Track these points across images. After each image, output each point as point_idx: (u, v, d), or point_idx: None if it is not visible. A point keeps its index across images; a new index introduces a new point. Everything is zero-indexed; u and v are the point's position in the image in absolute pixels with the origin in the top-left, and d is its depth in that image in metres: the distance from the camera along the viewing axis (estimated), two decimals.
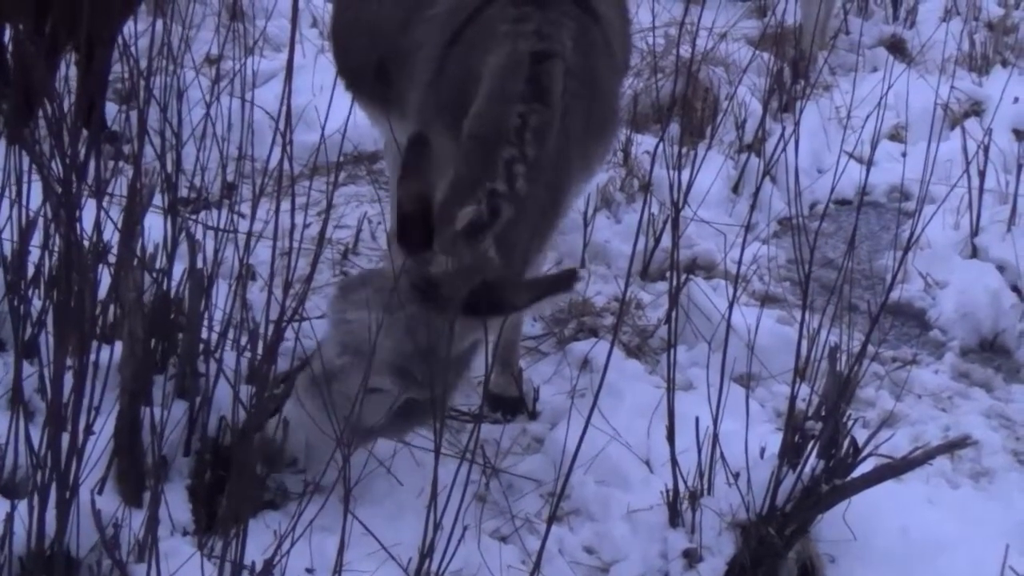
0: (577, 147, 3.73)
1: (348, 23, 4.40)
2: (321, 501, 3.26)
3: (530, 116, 3.57)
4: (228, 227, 3.81)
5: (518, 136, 3.55)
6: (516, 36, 3.67)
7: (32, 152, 3.62)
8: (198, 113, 4.09)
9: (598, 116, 3.84)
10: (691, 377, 4.36)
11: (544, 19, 3.67)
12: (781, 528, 3.48)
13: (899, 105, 6.05)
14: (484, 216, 3.46)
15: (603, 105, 3.87)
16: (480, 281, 3.37)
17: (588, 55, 3.74)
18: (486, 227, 3.46)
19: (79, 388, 2.86)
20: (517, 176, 3.52)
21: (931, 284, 5.09)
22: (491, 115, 3.61)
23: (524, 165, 3.53)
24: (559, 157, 3.63)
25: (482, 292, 3.36)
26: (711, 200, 5.36)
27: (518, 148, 3.54)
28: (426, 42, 3.84)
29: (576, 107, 3.68)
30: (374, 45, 4.12)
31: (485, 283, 3.38)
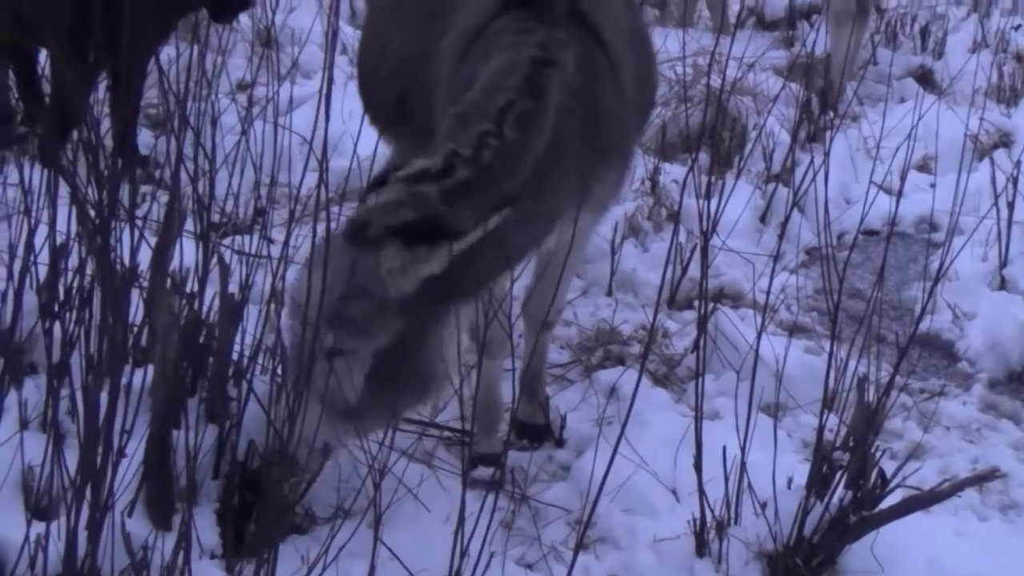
0: (570, 164, 3.61)
1: (372, 56, 4.43)
2: (350, 526, 3.27)
3: (518, 102, 3.46)
4: (259, 252, 3.84)
5: (500, 115, 3.43)
6: (520, 46, 3.60)
7: (66, 175, 3.66)
8: (230, 139, 4.12)
9: (598, 141, 3.70)
10: (718, 406, 4.36)
11: (548, 34, 3.60)
12: (808, 559, 3.47)
13: (928, 136, 6.05)
14: (435, 168, 3.34)
15: (605, 132, 3.74)
16: (420, 214, 3.28)
17: (591, 79, 3.66)
18: (433, 178, 3.33)
19: (111, 411, 2.88)
20: (487, 147, 3.39)
21: (959, 315, 5.08)
22: (479, 100, 3.50)
23: (498, 141, 3.40)
24: (546, 164, 3.50)
25: (420, 221, 3.27)
26: (739, 230, 5.37)
27: (496, 125, 3.42)
28: (442, 72, 3.85)
29: (572, 126, 3.59)
30: (396, 78, 4.14)
31: (425, 216, 3.28)
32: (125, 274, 3.45)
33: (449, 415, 4.19)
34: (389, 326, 3.33)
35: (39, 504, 3.20)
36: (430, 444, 4.03)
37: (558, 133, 3.51)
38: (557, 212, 3.57)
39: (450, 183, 3.32)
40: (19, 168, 3.70)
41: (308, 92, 6.18)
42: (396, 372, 3.40)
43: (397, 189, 3.31)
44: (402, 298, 3.31)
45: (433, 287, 3.32)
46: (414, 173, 3.33)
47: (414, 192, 3.30)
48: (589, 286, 5.14)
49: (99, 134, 3.67)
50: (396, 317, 3.33)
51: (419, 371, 3.46)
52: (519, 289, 4.12)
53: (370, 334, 3.30)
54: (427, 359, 3.46)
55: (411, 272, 3.29)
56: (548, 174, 3.50)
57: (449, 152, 3.36)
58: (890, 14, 8.12)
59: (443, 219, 3.28)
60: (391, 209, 3.28)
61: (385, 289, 3.28)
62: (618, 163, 3.85)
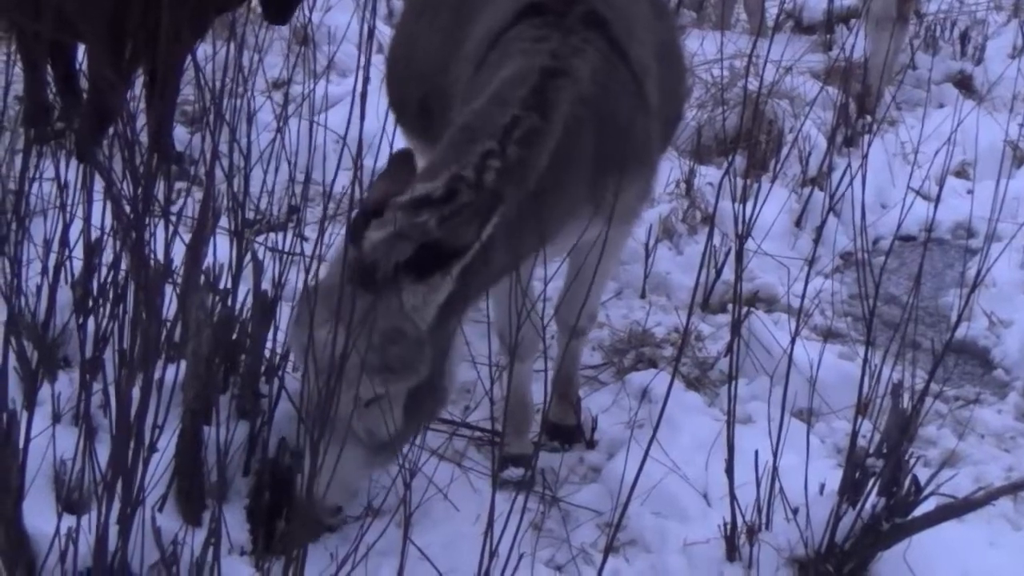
0: (577, 174, 3.59)
1: (399, 59, 4.43)
2: (379, 525, 3.27)
3: (523, 120, 3.43)
4: (292, 250, 3.85)
5: (504, 134, 3.40)
6: (532, 53, 3.57)
7: (102, 171, 3.68)
8: (265, 137, 4.13)
9: (613, 151, 3.63)
10: (751, 411, 4.34)
11: (563, 42, 3.58)
12: (840, 565, 3.45)
13: (966, 142, 6.00)
14: (437, 193, 3.32)
15: (622, 142, 3.67)
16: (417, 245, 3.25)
17: (608, 89, 3.63)
18: (434, 203, 3.30)
19: (143, 406, 2.89)
20: (489, 168, 3.36)
21: (996, 323, 5.04)
22: (484, 112, 3.47)
23: (500, 161, 3.37)
24: (551, 177, 3.47)
25: (422, 250, 3.25)
26: (774, 233, 5.35)
27: (499, 144, 3.39)
28: (461, 78, 3.84)
29: (585, 136, 3.56)
30: (420, 82, 4.14)
31: (424, 244, 3.26)
32: (159, 270, 3.46)
33: (480, 415, 4.19)
34: (427, 357, 3.34)
35: (70, 498, 3.22)
36: (460, 444, 4.03)
37: (566, 144, 3.49)
38: (563, 219, 3.56)
39: (450, 208, 3.30)
40: (55, 163, 3.72)
41: (343, 91, 6.19)
42: (421, 396, 3.42)
43: (397, 219, 3.28)
44: (429, 327, 3.32)
45: (449, 305, 3.33)
46: (415, 200, 3.31)
47: (414, 223, 3.28)
48: (623, 288, 5.13)
49: (135, 130, 3.68)
50: (428, 346, 3.34)
51: (439, 389, 3.48)
52: (551, 290, 4.11)
53: (416, 371, 3.31)
54: (446, 375, 3.48)
55: (432, 302, 3.30)
56: (552, 185, 3.48)
57: (452, 176, 3.34)
58: (929, 19, 8.07)
59: (443, 242, 3.26)
60: (393, 243, 3.26)
61: (415, 324, 3.28)
62: (637, 173, 3.79)
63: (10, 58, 4.80)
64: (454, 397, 4.33)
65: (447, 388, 3.52)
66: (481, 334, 4.26)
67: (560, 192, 3.53)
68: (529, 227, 3.46)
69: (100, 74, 4.87)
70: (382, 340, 3.22)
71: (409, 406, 3.40)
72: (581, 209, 3.58)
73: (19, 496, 2.95)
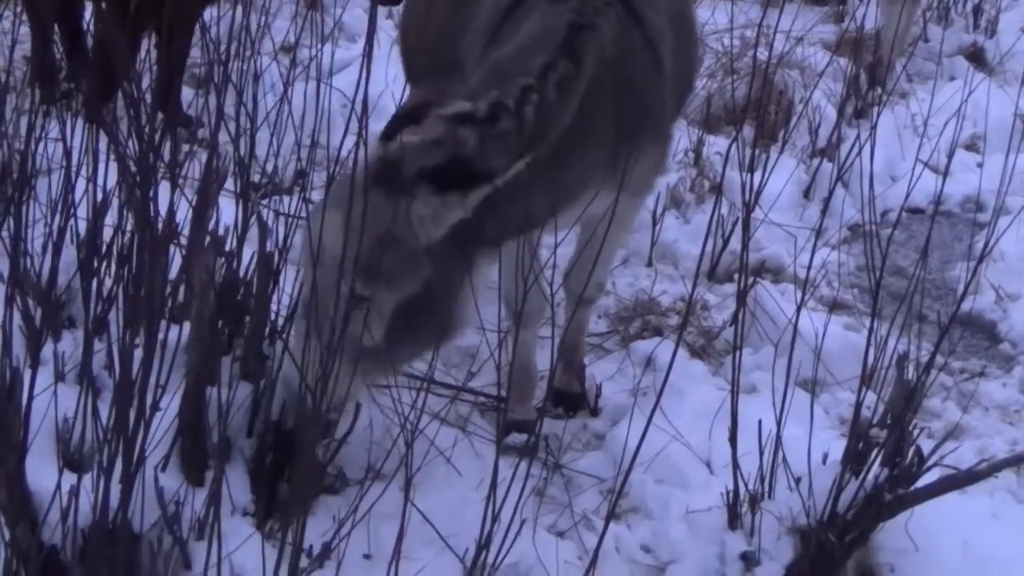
0: (598, 137, 3.56)
1: (412, 29, 4.42)
2: (380, 488, 3.28)
3: (559, 64, 3.39)
4: (298, 213, 3.84)
5: (542, 74, 3.36)
6: (554, 12, 3.53)
7: (109, 132, 3.67)
8: (272, 101, 4.12)
9: (631, 117, 3.63)
10: (755, 380, 4.34)
11: (584, 4, 3.54)
12: (841, 535, 3.45)
13: (976, 115, 5.98)
14: (480, 112, 3.27)
15: (639, 109, 3.67)
16: (450, 156, 3.21)
17: (625, 54, 3.60)
18: (476, 122, 3.26)
19: (147, 366, 2.89)
20: (529, 102, 3.32)
21: (1003, 296, 5.03)
22: (516, 57, 3.43)
23: (539, 97, 3.34)
24: (573, 134, 3.44)
25: (451, 163, 3.20)
26: (782, 204, 5.33)
27: (538, 83, 3.35)
28: (474, 47, 3.82)
29: (603, 99, 3.54)
30: (432, 52, 4.12)
31: (456, 157, 3.21)
32: (166, 231, 3.46)
33: (484, 381, 4.19)
34: (419, 275, 3.30)
35: (73, 456, 3.22)
36: (464, 409, 4.03)
37: (587, 105, 3.46)
38: (581, 183, 3.53)
39: (491, 131, 3.26)
40: (60, 123, 3.71)
41: (352, 55, 6.17)
42: (415, 319, 3.36)
43: (436, 128, 3.25)
44: (431, 245, 3.28)
45: (458, 235, 3.28)
46: (456, 114, 3.27)
47: (454, 134, 3.24)
48: (629, 256, 5.12)
49: (141, 90, 3.67)
50: (425, 266, 3.30)
51: (437, 320, 3.42)
52: (560, 258, 4.10)
53: (401, 284, 3.27)
54: (446, 309, 3.42)
55: (443, 219, 3.25)
56: (574, 145, 3.46)
57: (495, 100, 3.30)
58: None
59: (474, 163, 3.22)
60: (427, 148, 3.22)
61: (416, 238, 3.25)
62: (653, 142, 3.79)
63: (17, 17, 4.79)
64: (458, 360, 4.34)
65: (452, 327, 3.47)
66: (487, 300, 4.26)
67: (581, 153, 3.51)
68: (550, 184, 3.43)
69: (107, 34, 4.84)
70: (376, 241, 3.16)
71: (398, 325, 3.35)
72: (598, 175, 3.57)
73: (22, 454, 2.95)
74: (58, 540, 3.00)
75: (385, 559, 3.08)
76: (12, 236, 3.48)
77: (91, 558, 2.96)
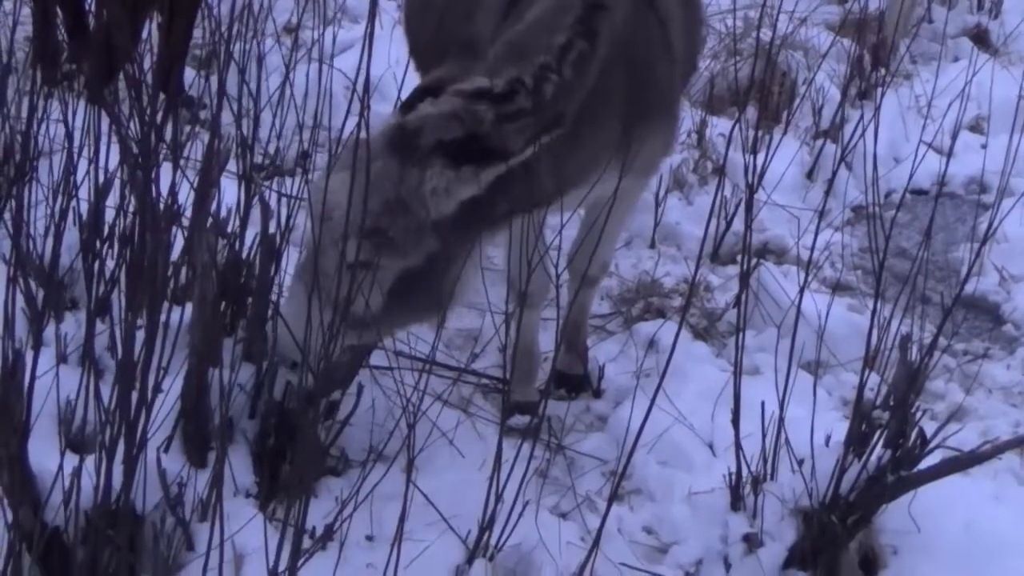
0: (609, 116, 3.56)
1: (419, 5, 4.40)
2: (383, 469, 3.28)
3: (576, 43, 3.39)
4: (301, 195, 3.83)
5: (561, 53, 3.36)
6: None
7: (111, 113, 3.66)
8: (275, 82, 4.11)
9: (642, 97, 3.63)
10: (758, 362, 4.33)
11: None
12: (844, 517, 3.45)
13: (981, 96, 5.95)
14: (498, 88, 3.27)
15: (650, 89, 3.67)
16: (466, 132, 3.22)
17: (637, 34, 3.61)
18: (494, 99, 3.26)
19: (149, 347, 2.89)
20: (548, 80, 3.33)
21: (1006, 278, 5.02)
22: (532, 34, 3.43)
23: (558, 77, 3.35)
24: (586, 113, 3.44)
25: (468, 139, 3.21)
26: (785, 185, 5.32)
27: (556, 61, 3.35)
28: (485, 26, 3.81)
29: (615, 78, 3.53)
30: (440, 30, 4.11)
31: (474, 134, 3.22)
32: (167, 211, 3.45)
33: (487, 362, 4.19)
34: (423, 247, 3.29)
35: (75, 438, 3.22)
36: (467, 391, 4.03)
37: (600, 84, 3.46)
38: (593, 162, 3.53)
39: (508, 109, 3.27)
40: (62, 104, 3.70)
41: (354, 37, 6.15)
42: (415, 291, 3.36)
43: (455, 102, 3.25)
44: (439, 219, 3.27)
45: (468, 211, 3.28)
46: (473, 90, 3.27)
47: (470, 109, 3.24)
48: (632, 237, 5.11)
49: (142, 71, 3.66)
50: (431, 238, 3.30)
51: (435, 295, 3.42)
52: (564, 240, 4.09)
53: (405, 253, 3.26)
54: (447, 284, 3.42)
55: (454, 193, 3.25)
56: (587, 123, 3.45)
57: (513, 78, 3.30)
58: None
59: (490, 140, 3.22)
60: (445, 121, 3.22)
61: (426, 209, 3.24)
62: (662, 122, 3.79)
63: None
64: (461, 342, 4.34)
65: (449, 304, 3.46)
66: (490, 281, 4.25)
67: (593, 131, 3.52)
68: (563, 162, 3.43)
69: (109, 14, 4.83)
70: (384, 206, 3.17)
71: (397, 293, 3.34)
72: (610, 154, 3.56)
73: (24, 435, 2.95)
74: (61, 522, 3.00)
75: (387, 541, 3.08)
76: (14, 217, 3.48)
77: (94, 540, 2.96)
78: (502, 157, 3.25)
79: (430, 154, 3.23)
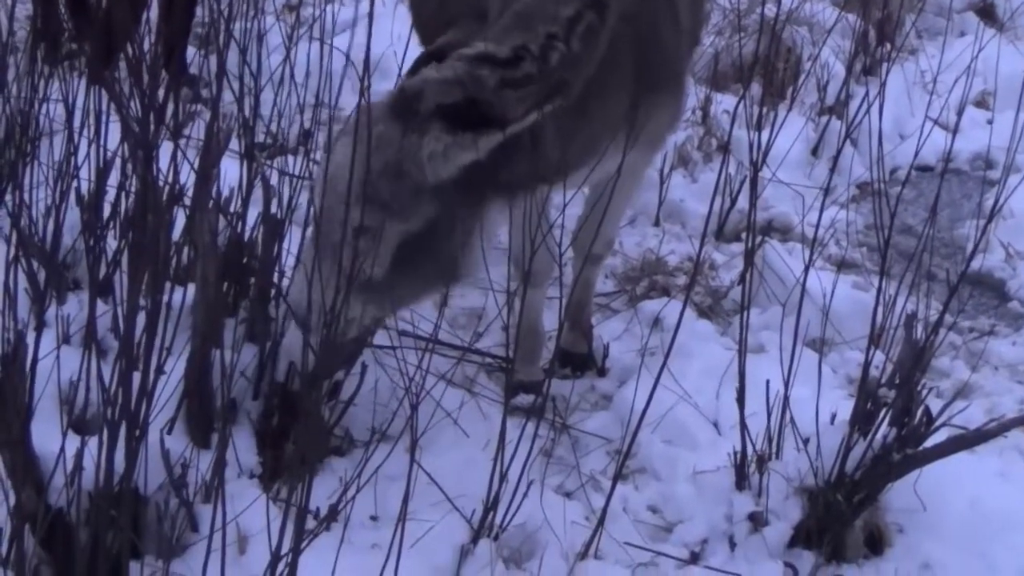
0: (617, 90, 3.54)
1: None
2: (387, 449, 3.27)
3: (586, 14, 3.37)
4: (303, 174, 3.82)
5: (569, 24, 3.34)
6: None
7: (112, 93, 3.64)
8: (276, 60, 4.09)
9: (649, 71, 3.61)
10: (763, 340, 4.32)
11: None
12: (849, 495, 3.44)
13: (987, 71, 5.92)
14: (501, 55, 3.26)
15: (657, 63, 3.66)
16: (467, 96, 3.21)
17: (645, 7, 3.60)
18: (498, 64, 3.25)
19: (151, 328, 2.88)
20: (555, 49, 3.32)
21: (1012, 255, 5.00)
22: (540, 5, 3.39)
23: (565, 46, 3.33)
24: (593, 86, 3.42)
25: (469, 104, 3.20)
26: (790, 162, 5.29)
27: (564, 32, 3.33)
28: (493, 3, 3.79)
29: (624, 51, 3.52)
30: (446, 3, 4.09)
31: (474, 99, 3.21)
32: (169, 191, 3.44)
33: (491, 341, 4.18)
34: (421, 212, 3.28)
35: (78, 419, 3.22)
36: (471, 370, 4.02)
37: (608, 57, 3.44)
38: (601, 136, 3.51)
39: (512, 75, 3.25)
40: (63, 84, 3.69)
41: (356, 14, 6.12)
42: (420, 258, 3.35)
43: (457, 67, 3.23)
44: (438, 184, 3.26)
45: (469, 178, 3.27)
46: (480, 54, 3.26)
47: (474, 74, 3.23)
48: (636, 215, 5.09)
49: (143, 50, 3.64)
50: (429, 203, 3.28)
51: (440, 263, 3.41)
52: (568, 218, 4.08)
53: (402, 216, 3.25)
54: (452, 252, 3.41)
55: (453, 158, 3.23)
56: (595, 96, 3.43)
57: (519, 44, 3.28)
58: None
59: (492, 107, 3.21)
60: (447, 86, 3.21)
61: (423, 173, 3.23)
62: (670, 96, 3.78)
63: None
64: (464, 321, 4.33)
65: (455, 273, 3.45)
66: (494, 260, 4.24)
67: (601, 104, 3.50)
68: (570, 135, 3.41)
69: None
70: (382, 170, 3.16)
71: (401, 262, 3.33)
72: (617, 127, 3.54)
73: (27, 417, 2.95)
74: (64, 503, 3.00)
75: (392, 520, 3.07)
76: (16, 198, 3.47)
77: (97, 521, 2.96)
78: (500, 124, 3.23)
79: (429, 118, 3.22)
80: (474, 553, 3.31)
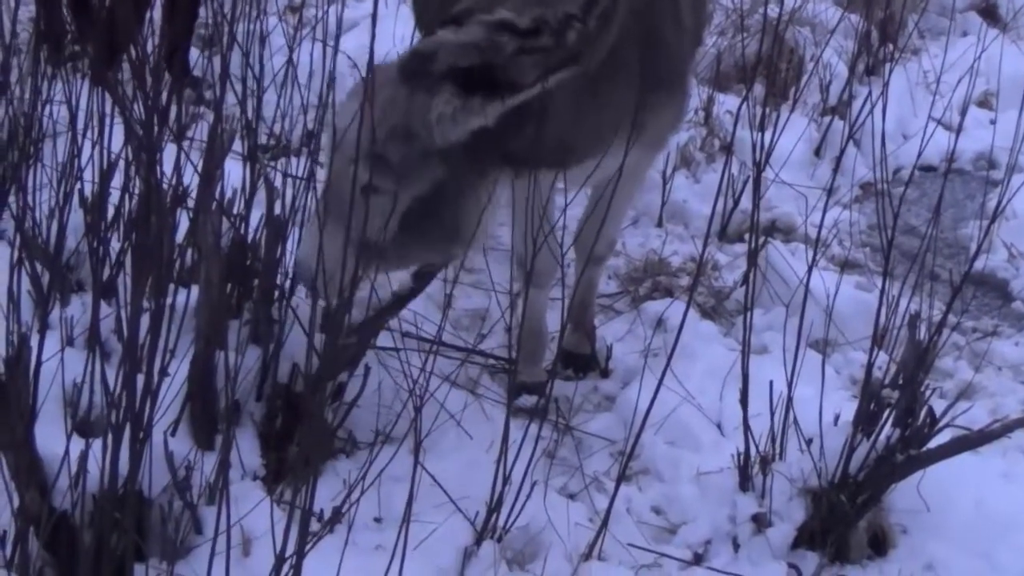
0: (623, 86, 3.52)
1: None
2: (391, 451, 3.27)
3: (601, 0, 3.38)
4: (306, 175, 3.81)
5: (587, 5, 3.34)
6: None
7: (115, 94, 3.64)
8: (279, 61, 4.09)
9: (655, 68, 3.61)
10: (766, 341, 4.32)
11: None
12: (853, 496, 3.44)
13: (989, 71, 5.92)
14: (522, 23, 3.26)
15: (663, 60, 3.66)
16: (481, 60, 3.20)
17: (651, 5, 3.59)
18: (517, 32, 3.24)
19: (155, 330, 2.88)
20: (572, 28, 3.30)
21: (1015, 255, 5.00)
22: None
23: (582, 25, 3.32)
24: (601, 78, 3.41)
25: (482, 68, 3.19)
26: (792, 163, 5.30)
27: (581, 12, 3.33)
28: None
29: (631, 48, 3.52)
30: (447, 4, 4.08)
31: (490, 64, 3.21)
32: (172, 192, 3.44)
33: (494, 343, 4.18)
34: (428, 175, 3.27)
35: (82, 421, 3.22)
36: (474, 371, 4.02)
37: (616, 46, 3.44)
38: (606, 127, 3.51)
39: (529, 44, 3.24)
40: (66, 85, 3.68)
41: (359, 15, 6.13)
42: (426, 222, 3.35)
43: (476, 31, 3.23)
44: (447, 148, 3.25)
45: (477, 144, 3.26)
46: (500, 21, 3.25)
47: (493, 39, 3.22)
48: (639, 216, 5.09)
49: (146, 51, 3.65)
50: (437, 167, 3.28)
51: (448, 228, 3.40)
52: (570, 219, 4.08)
53: (408, 179, 3.24)
54: (459, 219, 3.40)
55: (462, 122, 3.22)
56: (604, 80, 3.43)
57: (539, 16, 3.28)
58: None
59: (506, 72, 3.20)
60: (462, 49, 3.20)
61: (431, 135, 3.22)
62: (672, 95, 3.77)
63: None
64: (468, 322, 4.33)
65: (460, 241, 3.44)
66: (497, 261, 4.24)
67: (610, 95, 3.49)
68: (578, 119, 3.40)
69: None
70: (389, 132, 3.15)
71: (408, 225, 3.32)
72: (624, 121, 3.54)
73: (31, 419, 2.95)
74: (68, 506, 3.00)
75: (395, 522, 3.07)
76: (19, 200, 3.47)
77: (101, 523, 2.96)
78: (512, 90, 3.22)
79: (441, 80, 3.21)
80: (478, 555, 3.31)
